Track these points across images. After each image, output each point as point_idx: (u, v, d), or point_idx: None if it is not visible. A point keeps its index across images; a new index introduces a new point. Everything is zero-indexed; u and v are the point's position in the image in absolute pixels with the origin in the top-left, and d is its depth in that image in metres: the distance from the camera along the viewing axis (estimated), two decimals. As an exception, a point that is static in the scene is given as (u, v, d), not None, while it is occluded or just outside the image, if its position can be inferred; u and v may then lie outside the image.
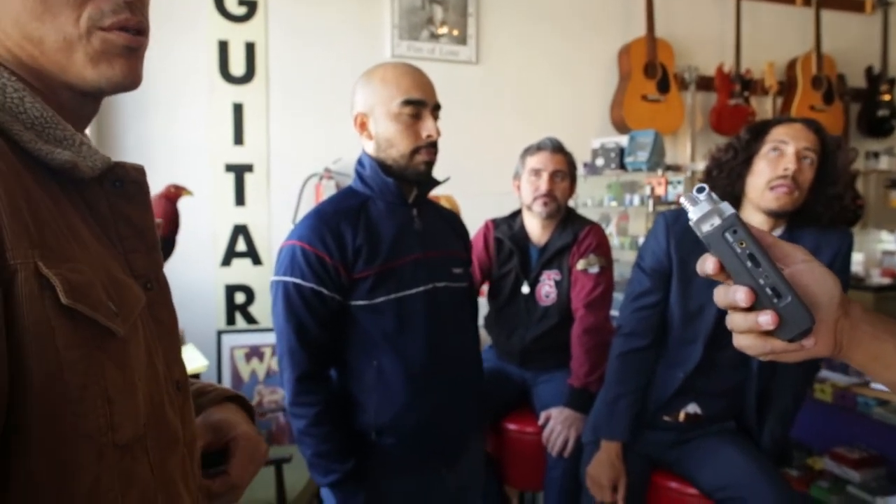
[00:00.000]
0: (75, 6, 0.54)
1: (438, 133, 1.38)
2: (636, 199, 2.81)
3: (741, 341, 0.61)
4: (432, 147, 1.39)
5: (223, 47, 2.73)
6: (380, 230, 1.39)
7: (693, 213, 0.59)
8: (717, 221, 0.58)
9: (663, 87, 3.28)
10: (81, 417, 0.50)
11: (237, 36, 2.75)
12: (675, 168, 2.80)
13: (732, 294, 0.58)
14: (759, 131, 1.59)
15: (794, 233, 1.58)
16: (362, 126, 1.42)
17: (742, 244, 0.58)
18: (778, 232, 1.59)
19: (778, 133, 1.55)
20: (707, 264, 0.60)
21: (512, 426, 2.06)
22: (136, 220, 0.62)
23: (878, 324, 0.64)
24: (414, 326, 1.40)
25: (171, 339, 0.66)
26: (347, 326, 1.40)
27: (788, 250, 0.62)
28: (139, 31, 0.58)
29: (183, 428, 0.64)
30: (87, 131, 0.66)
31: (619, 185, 2.95)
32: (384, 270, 1.37)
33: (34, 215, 0.50)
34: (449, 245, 1.53)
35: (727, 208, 0.59)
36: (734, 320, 0.60)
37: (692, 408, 1.68)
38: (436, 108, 1.40)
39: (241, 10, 2.75)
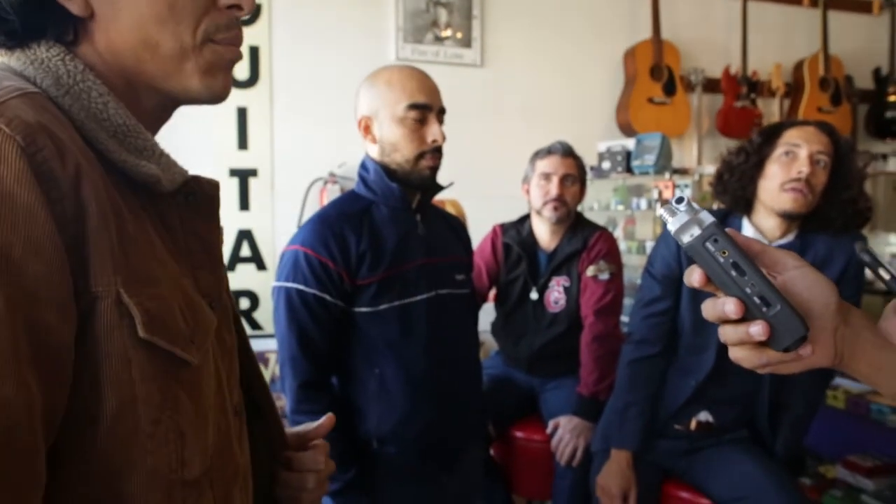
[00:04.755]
0: (196, 16, 0.55)
1: (444, 138, 1.36)
2: (643, 203, 2.78)
3: (736, 353, 0.58)
4: (437, 152, 1.37)
5: (226, 51, 2.71)
6: (383, 236, 1.37)
7: (672, 225, 0.57)
8: (696, 231, 0.56)
9: (669, 89, 3.25)
10: (151, 453, 0.49)
11: (240, 40, 2.73)
12: (683, 171, 2.77)
13: (721, 306, 0.55)
14: (772, 134, 1.56)
15: (806, 237, 1.55)
16: (366, 130, 1.40)
17: (724, 253, 0.55)
18: (790, 237, 1.56)
19: (790, 136, 1.52)
20: (693, 276, 0.57)
21: (519, 434, 2.03)
22: (204, 236, 0.61)
23: (882, 331, 0.60)
24: (416, 334, 1.38)
25: (231, 362, 0.64)
26: (350, 334, 1.38)
27: (779, 257, 0.59)
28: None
29: (241, 456, 0.62)
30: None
31: (625, 189, 2.92)
32: (388, 277, 1.35)
33: (121, 233, 0.49)
34: (452, 251, 1.51)
35: (707, 217, 0.56)
36: (726, 333, 0.57)
37: (704, 416, 1.65)
38: (441, 113, 1.38)
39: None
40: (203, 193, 0.61)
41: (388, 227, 1.38)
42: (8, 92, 0.46)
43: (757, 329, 0.54)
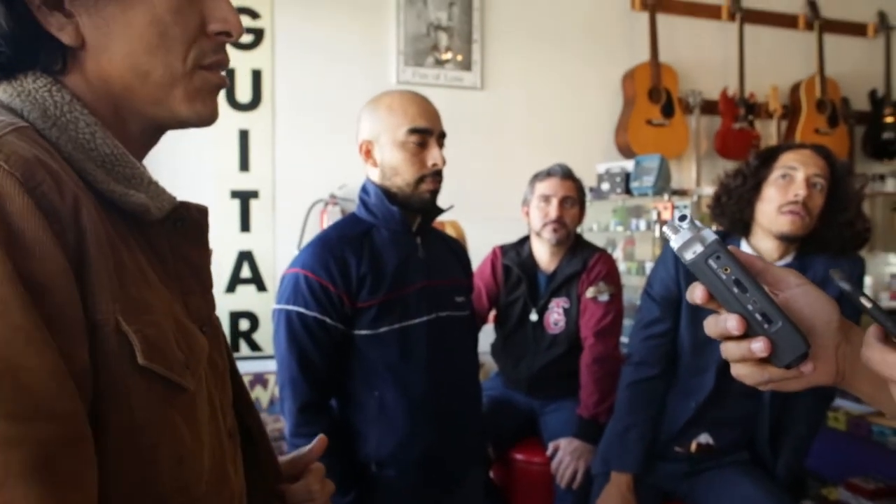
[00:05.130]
0: (186, 44, 0.56)
1: (444, 162, 1.38)
2: (642, 224, 2.79)
3: (738, 370, 0.59)
4: (437, 176, 1.38)
5: (229, 74, 2.74)
6: (384, 259, 1.38)
7: (675, 242, 0.58)
8: (699, 248, 0.57)
9: (668, 111, 3.28)
10: (156, 477, 0.50)
11: (244, 63, 2.77)
12: (681, 192, 2.79)
13: (723, 322, 0.56)
14: (769, 157, 1.58)
15: (804, 260, 1.56)
16: (367, 153, 1.41)
17: (726, 270, 0.56)
18: (788, 259, 1.57)
19: (787, 159, 1.54)
20: (696, 293, 0.58)
21: (519, 456, 2.02)
22: (194, 261, 0.61)
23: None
24: (416, 356, 1.38)
25: (223, 385, 0.64)
26: (349, 356, 1.38)
27: (781, 275, 0.60)
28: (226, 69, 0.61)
29: (236, 480, 0.62)
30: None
31: (624, 210, 2.93)
32: (388, 300, 1.36)
33: (116, 261, 0.49)
34: (452, 273, 1.52)
35: (709, 235, 0.57)
36: (728, 349, 0.58)
37: (704, 438, 1.64)
38: (441, 137, 1.40)
39: (247, 38, 2.77)
40: (191, 219, 0.61)
41: (388, 250, 1.39)
42: (2, 128, 0.46)
43: (759, 345, 0.55)
